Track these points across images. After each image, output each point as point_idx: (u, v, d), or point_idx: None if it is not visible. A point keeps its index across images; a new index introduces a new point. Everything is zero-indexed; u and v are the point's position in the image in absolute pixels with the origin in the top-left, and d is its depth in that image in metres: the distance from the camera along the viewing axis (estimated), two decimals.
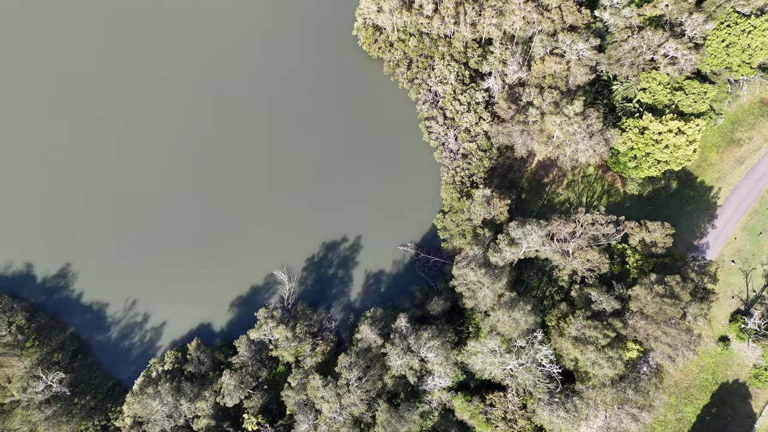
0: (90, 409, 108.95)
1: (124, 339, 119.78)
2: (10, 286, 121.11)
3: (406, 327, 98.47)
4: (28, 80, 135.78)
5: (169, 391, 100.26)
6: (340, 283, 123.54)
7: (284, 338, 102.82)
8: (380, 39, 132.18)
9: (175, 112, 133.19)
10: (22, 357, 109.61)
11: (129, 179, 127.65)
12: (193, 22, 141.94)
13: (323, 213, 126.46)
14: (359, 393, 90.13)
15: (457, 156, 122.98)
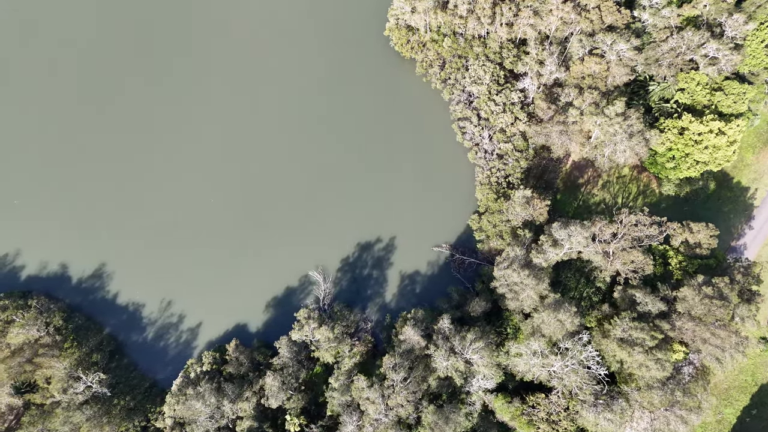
0: (129, 410, 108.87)
1: (160, 340, 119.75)
2: (45, 287, 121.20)
3: (449, 328, 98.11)
4: (69, 83, 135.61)
5: (211, 392, 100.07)
6: (375, 283, 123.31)
7: (325, 339, 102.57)
8: (413, 39, 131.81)
9: (209, 111, 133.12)
10: (60, 358, 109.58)
11: (165, 179, 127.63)
12: (226, 23, 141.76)
13: (357, 213, 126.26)
14: (406, 394, 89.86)
15: (492, 156, 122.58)
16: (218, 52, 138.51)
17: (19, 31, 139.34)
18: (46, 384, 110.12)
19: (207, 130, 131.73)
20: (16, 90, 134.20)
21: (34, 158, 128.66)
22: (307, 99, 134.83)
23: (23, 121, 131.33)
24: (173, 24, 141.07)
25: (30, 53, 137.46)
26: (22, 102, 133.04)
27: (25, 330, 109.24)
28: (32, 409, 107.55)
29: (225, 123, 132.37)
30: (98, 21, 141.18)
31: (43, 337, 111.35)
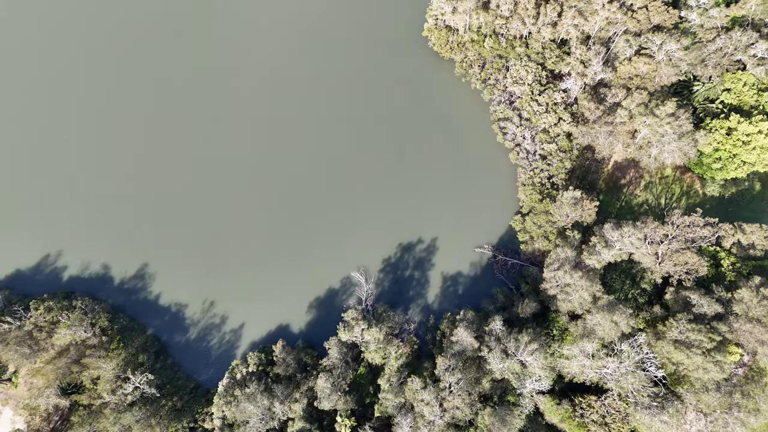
0: (176, 411, 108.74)
1: (203, 340, 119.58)
2: (88, 288, 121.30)
3: (500, 330, 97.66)
4: (109, 85, 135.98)
5: (263, 394, 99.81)
6: (417, 284, 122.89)
7: (375, 340, 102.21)
8: (452, 40, 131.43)
9: (249, 114, 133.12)
10: (107, 359, 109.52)
11: (205, 181, 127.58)
12: (264, 23, 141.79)
13: (398, 214, 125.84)
14: (463, 396, 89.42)
15: (535, 157, 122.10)
16: (256, 52, 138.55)
17: (77, 33, 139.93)
18: (92, 385, 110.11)
19: (247, 133, 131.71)
20: (66, 90, 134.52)
21: (76, 160, 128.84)
22: (345, 100, 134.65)
23: (65, 122, 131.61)
24: (212, 24, 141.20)
25: (76, 55, 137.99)
26: (63, 103, 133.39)
27: (72, 331, 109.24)
28: (80, 409, 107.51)
29: (265, 126, 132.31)
30: (140, 21, 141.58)
31: (90, 338, 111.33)
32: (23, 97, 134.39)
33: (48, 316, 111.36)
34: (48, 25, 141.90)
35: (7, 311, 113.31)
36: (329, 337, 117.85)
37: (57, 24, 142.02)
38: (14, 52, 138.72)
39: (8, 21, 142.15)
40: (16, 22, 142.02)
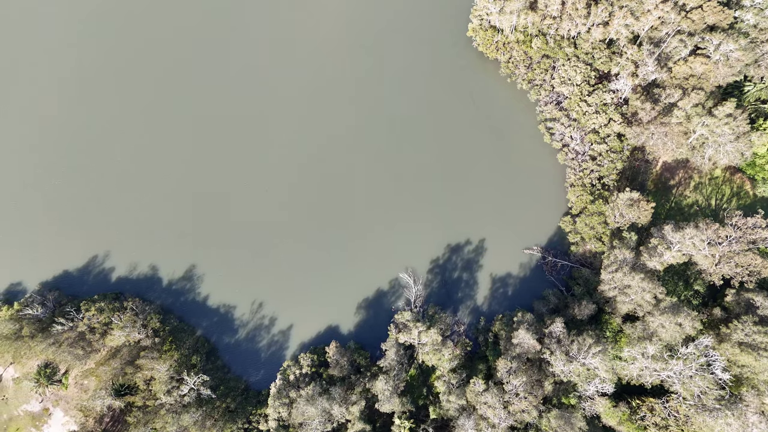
0: (230, 412, 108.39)
1: (252, 341, 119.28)
2: (136, 289, 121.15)
3: (561, 331, 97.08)
4: (159, 86, 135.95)
5: (321, 396, 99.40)
6: (466, 286, 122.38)
7: (432, 342, 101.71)
8: (498, 40, 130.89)
9: (297, 114, 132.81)
10: (161, 360, 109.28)
11: (254, 183, 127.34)
12: (306, 24, 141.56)
13: (445, 215, 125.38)
14: (530, 399, 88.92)
15: (584, 158, 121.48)
16: (300, 51, 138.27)
17: (101, 35, 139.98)
18: (145, 386, 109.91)
19: (294, 134, 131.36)
20: (102, 92, 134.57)
21: (124, 161, 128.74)
22: (390, 100, 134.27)
23: (108, 123, 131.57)
24: (258, 24, 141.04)
25: (108, 55, 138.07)
26: (105, 103, 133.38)
27: (126, 332, 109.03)
28: (134, 411, 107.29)
29: (311, 127, 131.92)
30: (179, 23, 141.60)
31: (143, 340, 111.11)
32: (66, 99, 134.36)
33: (100, 317, 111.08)
34: (108, 24, 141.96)
35: (59, 312, 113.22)
36: (378, 338, 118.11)
37: (114, 23, 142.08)
38: (78, 49, 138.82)
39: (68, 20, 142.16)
40: (71, 22, 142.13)
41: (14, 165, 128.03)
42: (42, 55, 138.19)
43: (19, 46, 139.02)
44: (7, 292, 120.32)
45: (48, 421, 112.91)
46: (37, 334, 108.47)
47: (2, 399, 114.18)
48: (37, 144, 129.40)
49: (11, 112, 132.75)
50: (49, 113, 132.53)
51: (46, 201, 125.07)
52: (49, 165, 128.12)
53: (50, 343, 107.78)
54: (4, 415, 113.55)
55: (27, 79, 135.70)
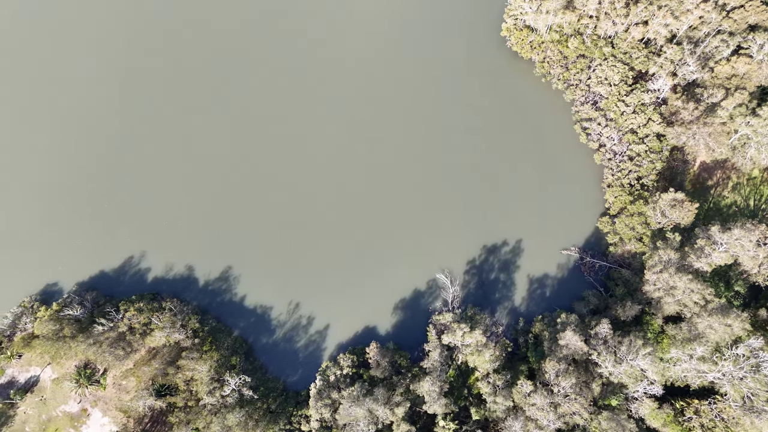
0: (271, 413, 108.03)
1: (289, 342, 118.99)
2: (173, 289, 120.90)
3: (608, 333, 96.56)
4: (197, 86, 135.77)
5: (366, 396, 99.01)
6: (503, 287, 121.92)
7: (476, 343, 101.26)
8: (533, 40, 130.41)
9: (330, 116, 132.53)
10: (201, 360, 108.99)
11: (289, 182, 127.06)
12: (337, 23, 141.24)
13: (481, 215, 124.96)
14: (581, 401, 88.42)
15: (622, 158, 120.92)
16: (334, 53, 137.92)
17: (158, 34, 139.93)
18: (185, 386, 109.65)
19: (330, 134, 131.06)
20: (139, 93, 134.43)
21: (158, 163, 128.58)
22: (424, 101, 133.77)
23: (144, 124, 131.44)
24: (297, 24, 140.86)
25: (151, 60, 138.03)
26: (142, 104, 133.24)
27: (167, 332, 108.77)
28: (176, 411, 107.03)
29: (346, 127, 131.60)
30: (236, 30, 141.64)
31: (183, 340, 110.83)
32: (104, 100, 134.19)
33: (140, 317, 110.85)
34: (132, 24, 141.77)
35: (98, 313, 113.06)
36: (415, 339, 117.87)
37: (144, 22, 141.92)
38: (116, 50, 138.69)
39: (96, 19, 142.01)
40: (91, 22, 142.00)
41: (50, 166, 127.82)
42: (86, 56, 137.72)
43: (67, 47, 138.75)
44: (43, 293, 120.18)
45: (86, 422, 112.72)
46: (78, 335, 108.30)
47: (41, 399, 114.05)
48: (74, 145, 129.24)
49: (50, 114, 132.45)
50: (87, 114, 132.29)
51: (81, 202, 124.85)
52: (84, 166, 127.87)
53: (91, 344, 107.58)
54: (43, 415, 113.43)
55: (68, 81, 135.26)
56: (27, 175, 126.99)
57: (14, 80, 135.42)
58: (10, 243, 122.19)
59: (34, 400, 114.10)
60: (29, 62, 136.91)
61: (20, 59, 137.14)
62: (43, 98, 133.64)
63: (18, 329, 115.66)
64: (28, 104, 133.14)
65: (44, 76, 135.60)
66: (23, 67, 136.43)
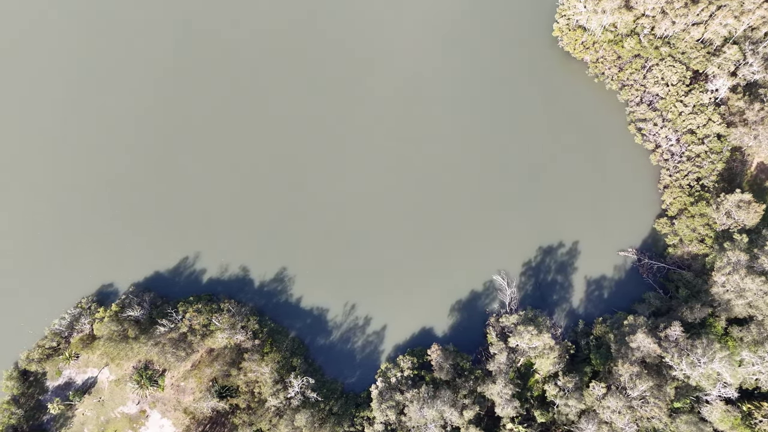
0: (333, 415, 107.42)
1: (346, 343, 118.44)
2: (228, 290, 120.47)
3: (679, 335, 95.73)
4: (256, 90, 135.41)
5: (434, 399, 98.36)
6: (560, 288, 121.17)
7: (544, 345, 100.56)
8: (587, 40, 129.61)
9: (384, 117, 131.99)
10: (262, 362, 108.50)
11: (343, 182, 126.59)
12: (387, 25, 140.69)
13: (537, 217, 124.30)
14: (660, 404, 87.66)
15: (681, 159, 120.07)
16: (387, 53, 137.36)
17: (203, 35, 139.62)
18: (246, 388, 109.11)
19: (382, 134, 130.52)
20: (194, 92, 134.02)
21: (211, 165, 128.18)
22: (476, 102, 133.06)
23: (199, 123, 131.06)
24: (346, 25, 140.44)
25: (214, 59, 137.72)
26: (196, 103, 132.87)
27: (229, 333, 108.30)
28: (239, 413, 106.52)
29: (399, 126, 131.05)
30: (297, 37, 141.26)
31: (245, 341, 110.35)
32: (159, 99, 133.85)
33: (200, 318, 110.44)
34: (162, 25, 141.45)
35: (156, 313, 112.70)
36: (472, 340, 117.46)
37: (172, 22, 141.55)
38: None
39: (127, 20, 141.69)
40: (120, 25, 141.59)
41: (103, 167, 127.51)
42: (141, 56, 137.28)
43: (124, 47, 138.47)
44: (98, 294, 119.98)
45: (145, 423, 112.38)
46: (140, 336, 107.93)
47: (98, 401, 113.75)
48: (128, 146, 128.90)
49: (102, 115, 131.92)
50: (141, 114, 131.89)
51: (136, 202, 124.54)
52: (137, 167, 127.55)
53: (153, 344, 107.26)
54: (101, 417, 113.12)
55: (126, 81, 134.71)
56: (80, 176, 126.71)
57: (74, 81, 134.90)
58: (65, 243, 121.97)
59: (92, 401, 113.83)
60: (87, 63, 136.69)
61: (74, 61, 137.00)
62: (92, 100, 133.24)
63: (75, 330, 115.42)
64: (80, 105, 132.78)
65: (99, 78, 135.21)
66: (82, 68, 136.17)
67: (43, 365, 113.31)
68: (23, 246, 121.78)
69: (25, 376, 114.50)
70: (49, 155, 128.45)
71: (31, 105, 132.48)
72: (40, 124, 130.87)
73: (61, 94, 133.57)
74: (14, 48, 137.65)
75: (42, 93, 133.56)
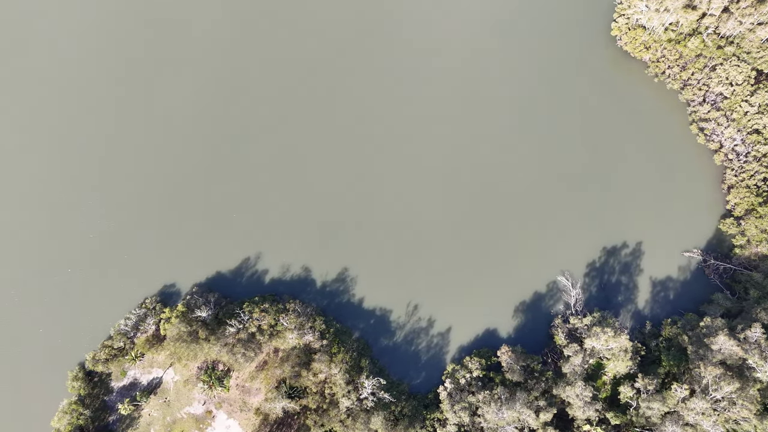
0: (405, 417, 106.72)
1: (410, 344, 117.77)
2: (290, 291, 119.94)
3: (760, 337, 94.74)
4: (315, 93, 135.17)
5: (512, 401, 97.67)
6: (625, 289, 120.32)
7: (620, 348, 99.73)
8: (647, 39, 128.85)
9: (441, 116, 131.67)
10: (331, 363, 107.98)
11: (402, 183, 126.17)
12: (442, 24, 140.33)
13: (599, 217, 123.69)
14: (750, 407, 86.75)
15: (747, 159, 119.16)
16: (441, 50, 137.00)
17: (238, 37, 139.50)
18: (316, 388, 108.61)
19: (443, 132, 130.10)
20: (251, 92, 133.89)
21: (273, 163, 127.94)
22: (534, 102, 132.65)
23: (259, 124, 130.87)
24: (403, 24, 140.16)
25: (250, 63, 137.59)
26: (256, 104, 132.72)
27: (298, 334, 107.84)
28: (310, 414, 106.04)
29: (457, 126, 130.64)
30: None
31: (313, 342, 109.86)
32: (220, 99, 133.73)
33: (267, 318, 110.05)
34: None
35: (225, 313, 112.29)
36: (537, 342, 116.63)
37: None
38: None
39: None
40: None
41: (164, 167, 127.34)
42: (197, 55, 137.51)
43: (176, 47, 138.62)
44: (160, 294, 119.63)
45: (212, 424, 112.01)
46: (210, 336, 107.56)
47: (164, 401, 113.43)
48: (190, 145, 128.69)
49: (169, 115, 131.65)
50: (205, 116, 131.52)
51: (199, 202, 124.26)
52: (197, 166, 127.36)
53: (223, 345, 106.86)
54: (167, 417, 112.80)
55: (184, 80, 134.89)
56: (142, 176, 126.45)
57: (154, 82, 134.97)
58: (126, 243, 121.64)
59: (158, 401, 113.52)
60: (145, 66, 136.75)
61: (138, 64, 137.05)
62: (155, 103, 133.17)
63: (139, 331, 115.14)
64: (142, 107, 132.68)
65: (162, 81, 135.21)
66: (160, 71, 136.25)
67: (108, 366, 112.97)
68: (82, 247, 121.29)
69: (89, 376, 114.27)
70: (112, 155, 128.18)
71: (115, 108, 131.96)
72: (117, 126, 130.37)
73: (144, 97, 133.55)
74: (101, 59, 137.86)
75: (132, 97, 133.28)
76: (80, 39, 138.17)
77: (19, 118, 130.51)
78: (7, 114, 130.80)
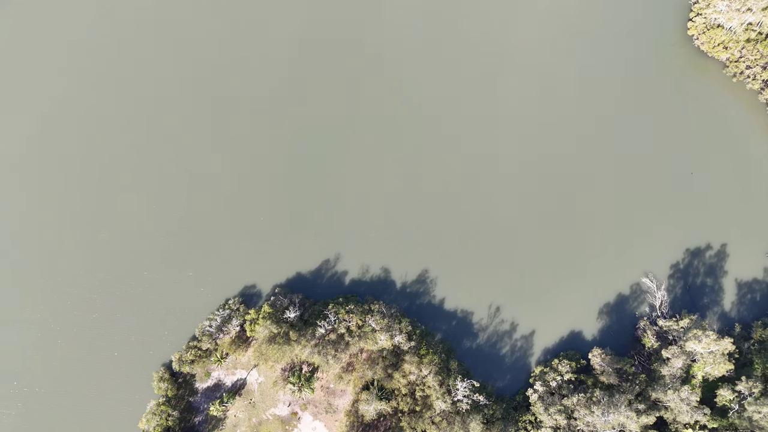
0: (497, 419, 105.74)
1: (493, 346, 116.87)
2: (371, 292, 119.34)
3: None
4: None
5: (614, 404, 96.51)
6: (710, 291, 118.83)
7: (722, 350, 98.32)
8: (726, 39, 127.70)
9: (520, 116, 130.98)
10: (421, 365, 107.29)
11: (481, 184, 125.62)
12: (514, 24, 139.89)
13: (682, 219, 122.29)
14: None
15: None
16: (516, 50, 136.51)
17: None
18: (406, 390, 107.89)
19: (520, 136, 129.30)
20: (331, 93, 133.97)
21: (350, 165, 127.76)
22: (610, 101, 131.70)
23: (341, 125, 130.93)
24: (461, 28, 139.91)
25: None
26: (328, 103, 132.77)
27: (388, 335, 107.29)
28: (403, 416, 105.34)
29: (533, 126, 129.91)
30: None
31: (402, 343, 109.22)
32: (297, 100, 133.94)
33: (355, 319, 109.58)
34: None
35: (311, 314, 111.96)
36: (622, 344, 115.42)
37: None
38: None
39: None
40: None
41: (243, 172, 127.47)
42: (293, 55, 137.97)
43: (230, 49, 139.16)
44: (241, 295, 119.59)
45: (297, 425, 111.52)
46: (301, 337, 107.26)
47: (249, 403, 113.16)
48: (272, 150, 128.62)
49: (253, 118, 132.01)
50: (287, 119, 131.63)
51: (281, 204, 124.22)
52: (275, 168, 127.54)
53: (314, 346, 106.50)
54: (253, 418, 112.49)
55: (267, 79, 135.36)
56: (222, 179, 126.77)
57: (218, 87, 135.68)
58: (207, 246, 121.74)
59: (243, 403, 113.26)
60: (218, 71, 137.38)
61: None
62: (240, 104, 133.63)
63: (222, 332, 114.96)
64: (227, 108, 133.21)
65: (231, 92, 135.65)
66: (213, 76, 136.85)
67: (194, 367, 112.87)
68: (161, 249, 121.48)
69: (174, 377, 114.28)
70: (195, 158, 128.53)
71: (211, 109, 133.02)
72: (200, 128, 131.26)
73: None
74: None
75: (220, 98, 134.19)
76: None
77: (117, 118, 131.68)
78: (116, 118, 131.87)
